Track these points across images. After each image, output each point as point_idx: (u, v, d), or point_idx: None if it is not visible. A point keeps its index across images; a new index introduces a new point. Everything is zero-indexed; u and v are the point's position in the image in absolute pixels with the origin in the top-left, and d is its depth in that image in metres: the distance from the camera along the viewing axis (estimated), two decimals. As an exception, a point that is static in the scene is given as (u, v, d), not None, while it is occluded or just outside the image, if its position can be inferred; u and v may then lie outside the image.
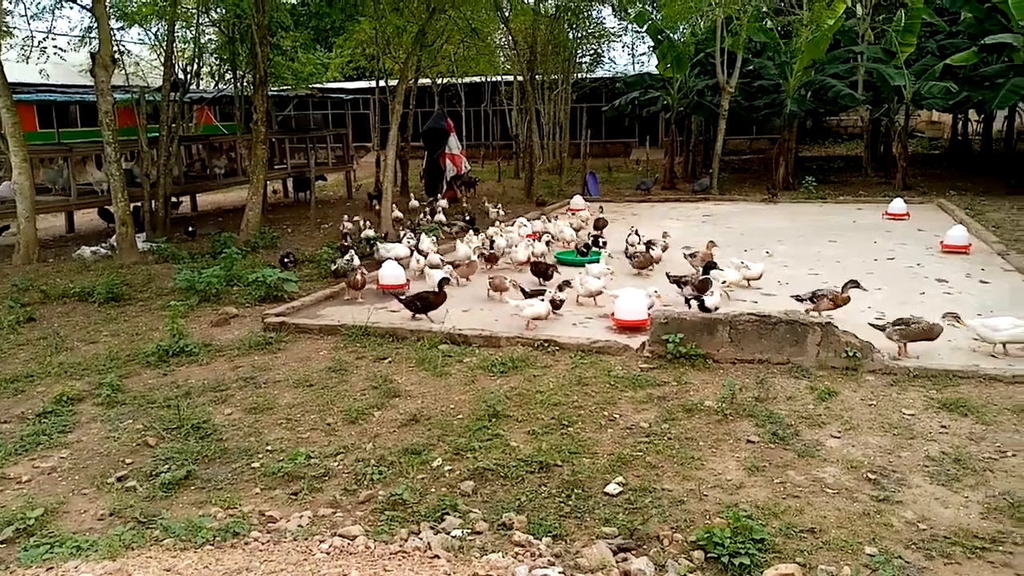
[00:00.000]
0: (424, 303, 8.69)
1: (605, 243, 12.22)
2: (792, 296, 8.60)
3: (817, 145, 33.64)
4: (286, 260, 11.44)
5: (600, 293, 9.17)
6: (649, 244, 11.40)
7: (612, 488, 5.01)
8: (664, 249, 11.56)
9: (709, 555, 4.26)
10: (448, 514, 4.74)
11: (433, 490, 5.09)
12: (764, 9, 21.21)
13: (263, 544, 4.18)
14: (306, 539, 4.32)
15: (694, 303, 8.38)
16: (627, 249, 11.58)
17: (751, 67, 21.98)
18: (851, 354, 6.91)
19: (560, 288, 8.85)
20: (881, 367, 6.84)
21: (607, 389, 6.64)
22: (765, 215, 16.66)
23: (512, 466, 5.30)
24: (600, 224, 13.86)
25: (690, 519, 4.64)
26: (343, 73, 31.73)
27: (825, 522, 4.55)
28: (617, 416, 6.11)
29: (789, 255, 11.84)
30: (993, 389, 6.37)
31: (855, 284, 8.30)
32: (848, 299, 8.24)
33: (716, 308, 8.09)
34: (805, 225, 15.08)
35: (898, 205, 15.47)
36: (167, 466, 5.41)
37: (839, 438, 5.63)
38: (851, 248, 12.49)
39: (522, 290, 9.30)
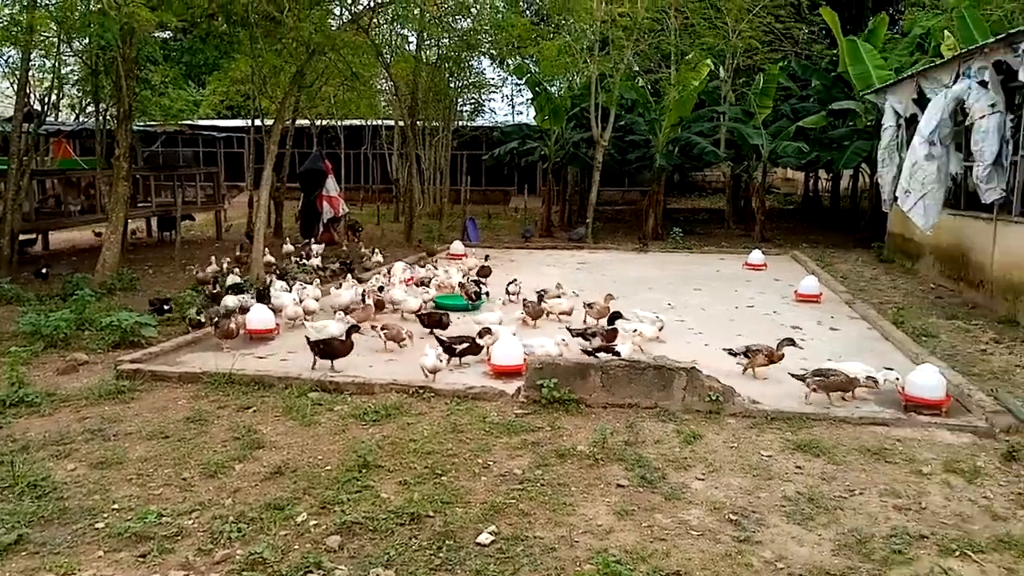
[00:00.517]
0: (329, 350, 8.38)
1: (487, 292, 12.25)
2: (724, 349, 8.65)
3: (684, 198, 35.48)
4: (163, 307, 10.62)
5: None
6: (542, 294, 11.35)
7: (484, 538, 4.93)
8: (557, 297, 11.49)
9: (579, 603, 4.25)
10: (311, 572, 4.51)
11: (297, 547, 4.83)
12: (635, 68, 22.30)
13: (102, 614, 3.81)
14: (152, 606, 3.98)
15: (604, 355, 8.05)
16: (510, 298, 11.69)
17: (623, 122, 23.00)
18: (714, 398, 7.18)
19: (480, 335, 8.76)
20: (741, 410, 7.14)
21: (482, 436, 6.59)
22: (636, 264, 17.29)
23: (382, 519, 5.13)
24: (484, 272, 13.86)
25: (561, 567, 4.62)
26: (216, 111, 30.82)
27: (690, 564, 4.65)
28: (491, 463, 6.06)
29: (659, 303, 12.29)
30: (842, 431, 6.78)
31: (790, 342, 8.53)
32: (782, 356, 8.29)
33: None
34: (673, 274, 15.74)
35: (756, 256, 16.45)
36: (-6, 530, 4.88)
37: (703, 480, 5.80)
38: (715, 296, 13.12)
39: (439, 340, 8.76)
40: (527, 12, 28.57)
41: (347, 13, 19.05)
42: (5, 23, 14.16)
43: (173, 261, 15.66)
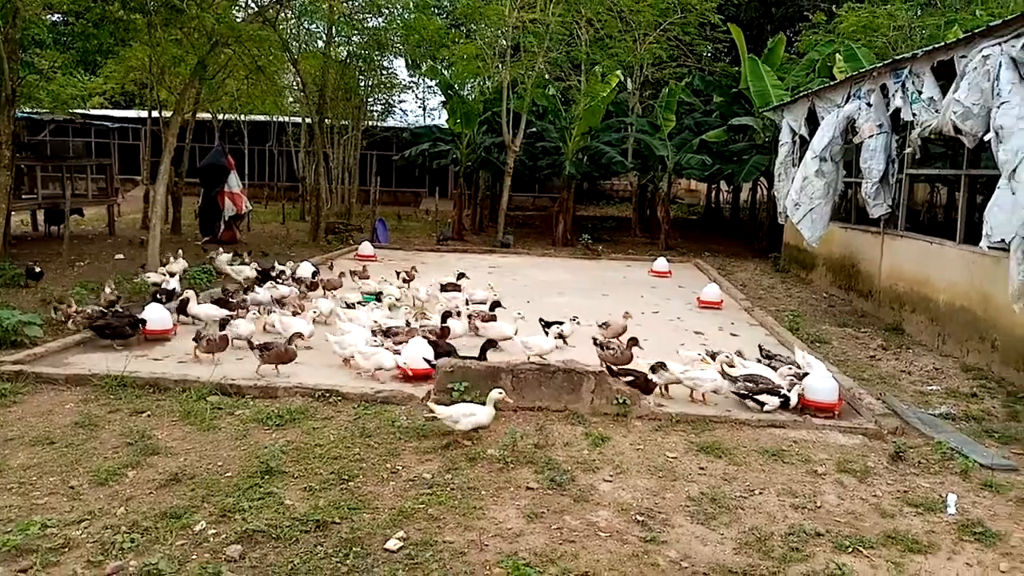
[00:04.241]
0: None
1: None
2: (592, 338, 8.96)
3: (593, 206, 36.17)
4: (34, 271, 9.92)
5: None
6: (495, 305, 10.73)
7: (392, 544, 4.84)
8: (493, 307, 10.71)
9: (489, 607, 4.22)
10: (210, 584, 4.31)
11: (195, 557, 4.61)
12: (547, 76, 22.58)
13: (-25, 635, 3.52)
14: (33, 625, 3.71)
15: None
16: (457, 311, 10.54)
17: (535, 129, 23.26)
18: (621, 401, 7.31)
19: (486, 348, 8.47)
20: (648, 413, 7.30)
21: (391, 440, 6.48)
22: (546, 268, 17.48)
23: (286, 526, 4.96)
24: (411, 276, 13.27)
25: (471, 571, 4.59)
26: (111, 99, 29.29)
27: (598, 565, 4.70)
28: (400, 468, 5.96)
29: (569, 306, 12.42)
30: (743, 432, 7.02)
31: (635, 343, 8.74)
32: (631, 357, 8.45)
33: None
34: (582, 279, 15.99)
35: (661, 264, 16.91)
36: None
37: (611, 482, 5.89)
38: (622, 301, 13.35)
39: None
40: (441, 15, 28.51)
41: (253, 5, 18.46)
42: None
43: (60, 256, 14.74)
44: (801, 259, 17.22)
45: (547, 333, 9.43)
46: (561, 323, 9.79)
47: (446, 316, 9.74)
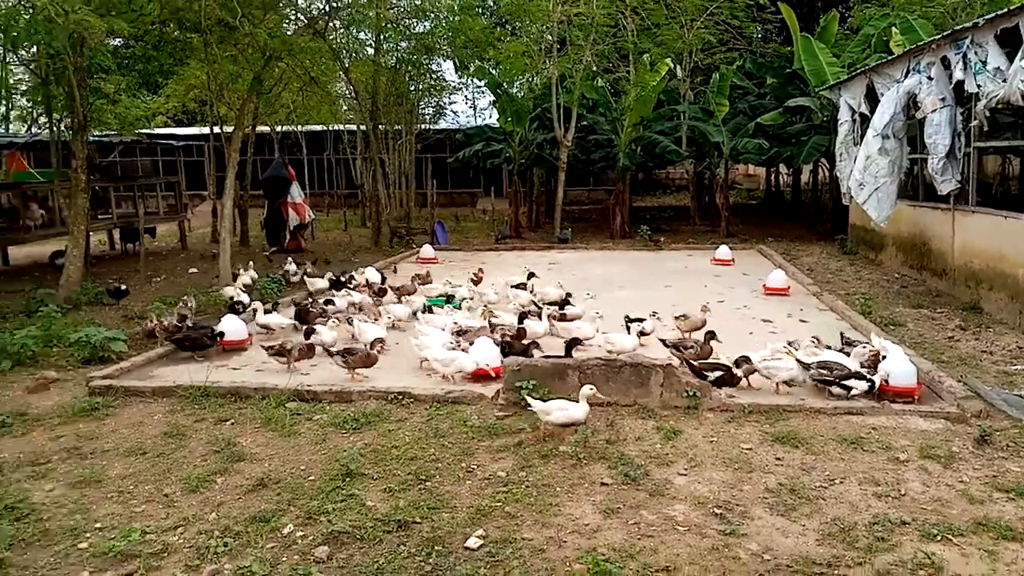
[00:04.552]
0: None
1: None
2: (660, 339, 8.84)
3: (649, 196, 35.80)
4: (120, 288, 10.67)
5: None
6: (565, 302, 10.75)
7: (472, 542, 4.93)
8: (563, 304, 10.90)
9: (572, 602, 4.27)
10: (302, 584, 4.48)
11: (285, 559, 4.79)
12: (595, 68, 22.47)
13: (91, 637, 3.75)
14: (142, 626, 3.92)
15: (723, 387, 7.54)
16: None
17: (586, 122, 23.16)
18: (691, 393, 7.27)
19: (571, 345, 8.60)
20: (719, 405, 7.24)
21: (464, 440, 6.59)
22: (605, 262, 17.41)
23: (369, 527, 5.11)
24: (479, 277, 13.33)
25: (551, 567, 4.65)
26: (173, 117, 30.30)
27: (678, 560, 4.70)
28: (475, 467, 6.07)
29: (631, 300, 12.38)
30: (819, 421, 6.91)
31: (712, 336, 8.65)
32: (711, 351, 8.38)
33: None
34: (642, 271, 15.89)
35: (724, 251, 16.66)
36: (-28, 556, 4.76)
37: (686, 475, 5.87)
38: (685, 292, 13.26)
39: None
40: (485, 15, 28.60)
41: (303, 18, 18.87)
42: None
43: (138, 273, 15.36)
44: (869, 240, 16.76)
45: (629, 330, 9.20)
46: (643, 320, 9.56)
47: (523, 317, 9.78)
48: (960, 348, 9.27)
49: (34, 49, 16.18)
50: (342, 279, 13.10)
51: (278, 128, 29.02)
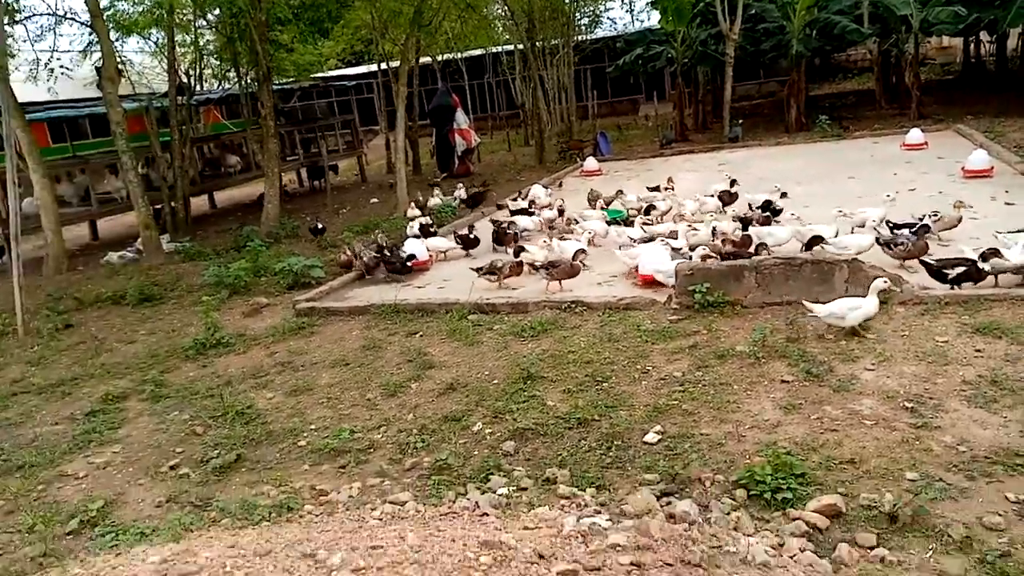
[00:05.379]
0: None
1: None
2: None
3: (827, 83, 33.04)
4: (318, 227, 11.84)
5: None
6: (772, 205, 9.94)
7: (651, 437, 5.09)
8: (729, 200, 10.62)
9: (751, 492, 4.34)
10: (493, 474, 4.86)
11: (476, 453, 5.20)
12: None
13: (317, 516, 4.33)
14: (358, 508, 4.46)
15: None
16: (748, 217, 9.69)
17: (753, 11, 21.61)
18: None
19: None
20: (911, 298, 6.81)
21: (638, 343, 6.70)
22: (782, 158, 16.49)
23: (551, 424, 5.40)
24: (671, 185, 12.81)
25: (730, 460, 4.71)
26: (343, 60, 31.70)
27: (864, 452, 4.60)
28: (650, 368, 6.18)
29: (809, 195, 11.73)
30: (1024, 309, 6.34)
31: (927, 229, 8.05)
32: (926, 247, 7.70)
33: None
34: (823, 164, 14.90)
35: (915, 135, 15.22)
36: (216, 452, 5.58)
37: (873, 370, 5.65)
38: (871, 183, 12.34)
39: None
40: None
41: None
42: (149, 6, 15.19)
43: (326, 207, 16.60)
44: (1094, 108, 14.62)
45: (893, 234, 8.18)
46: (914, 225, 8.28)
47: (746, 223, 9.26)
48: None
49: (218, 11, 17.49)
50: (525, 207, 12.90)
51: (439, 57, 29.60)
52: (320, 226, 12.92)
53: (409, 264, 9.81)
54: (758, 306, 7.15)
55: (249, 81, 20.30)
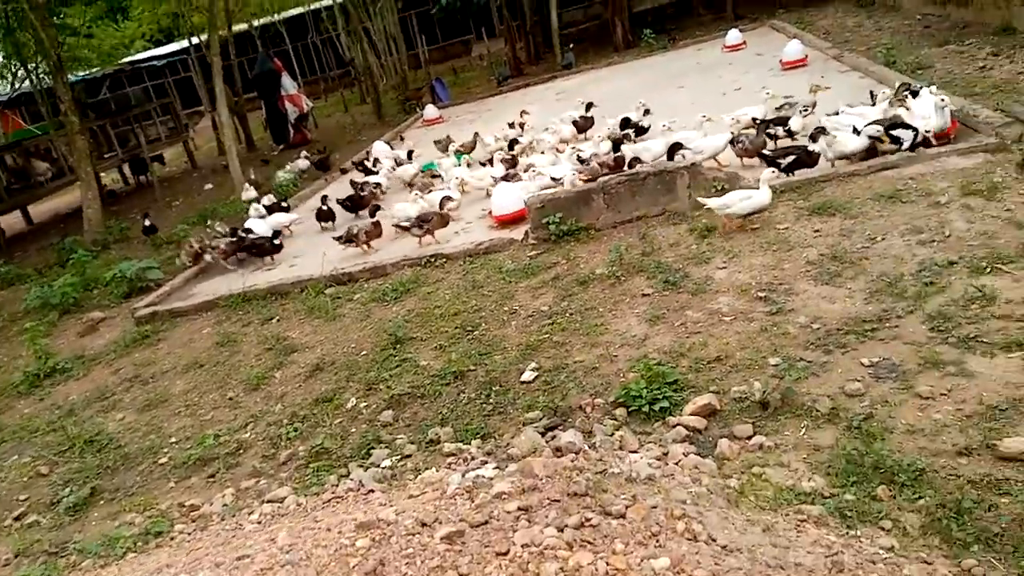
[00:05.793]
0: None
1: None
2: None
3: (648, -1, 33.69)
4: (147, 225, 11.14)
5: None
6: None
7: (527, 375, 5.04)
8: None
9: (631, 409, 4.37)
10: (374, 448, 4.67)
11: (354, 430, 4.98)
12: None
13: (190, 534, 4.00)
14: (234, 515, 4.16)
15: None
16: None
17: (566, -68, 21.53)
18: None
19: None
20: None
21: (502, 286, 6.60)
22: (614, 78, 16.68)
23: (426, 384, 5.24)
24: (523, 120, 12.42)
25: (606, 382, 4.73)
26: (151, 40, 29.34)
27: (729, 348, 4.72)
28: (517, 308, 6.10)
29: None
30: (854, 184, 6.68)
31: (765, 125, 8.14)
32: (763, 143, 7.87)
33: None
34: (652, 78, 15.19)
35: (734, 36, 15.74)
36: (67, 489, 5.08)
37: (725, 268, 5.80)
38: (699, 89, 12.69)
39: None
40: None
41: None
42: None
43: (157, 202, 15.42)
44: (886, -14, 15.57)
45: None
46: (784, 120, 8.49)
47: (617, 144, 9.10)
48: (994, 76, 8.72)
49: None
50: (367, 165, 12.46)
51: (256, 23, 27.90)
52: (151, 223, 11.99)
53: (277, 242, 9.20)
54: (610, 226, 7.19)
55: (41, 75, 18.37)
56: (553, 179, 8.44)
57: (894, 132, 6.92)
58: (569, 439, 4.13)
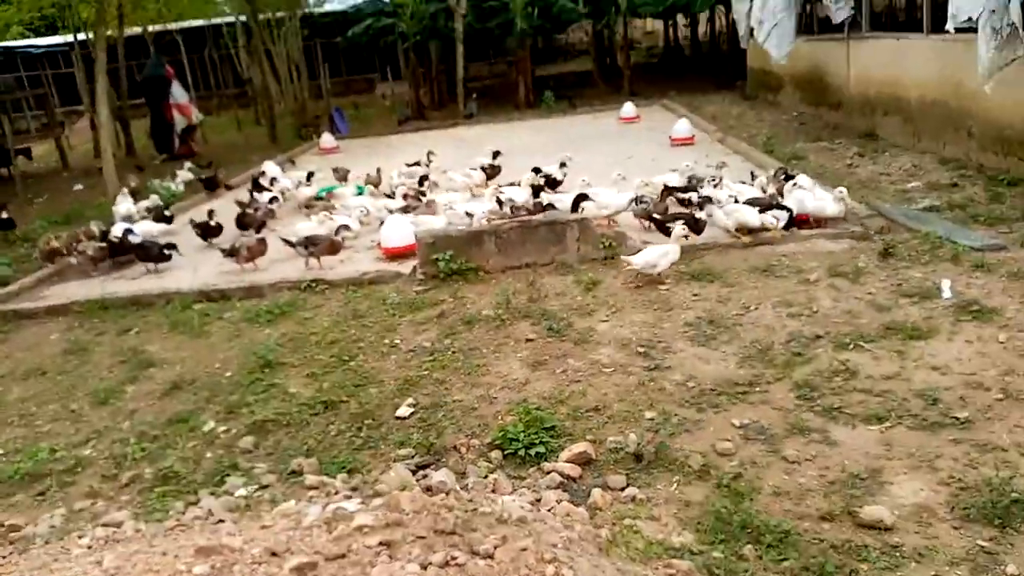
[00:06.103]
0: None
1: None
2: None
3: (551, 64, 34.89)
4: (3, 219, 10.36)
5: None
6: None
7: (403, 411, 4.88)
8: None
9: (507, 452, 4.30)
10: (229, 475, 4.35)
11: (209, 455, 4.64)
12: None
13: (4, 557, 3.54)
14: (61, 539, 3.73)
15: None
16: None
17: (480, -13, 22.04)
18: (607, 244, 7.24)
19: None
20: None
21: (385, 317, 6.44)
22: (514, 134, 16.99)
23: (294, 412, 4.98)
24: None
25: (484, 423, 4.64)
26: (30, 27, 27.52)
27: (607, 399, 4.76)
28: (398, 341, 5.95)
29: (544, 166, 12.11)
30: (731, 255, 7.02)
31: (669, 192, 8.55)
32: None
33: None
34: (552, 138, 15.57)
35: (628, 109, 16.47)
36: None
37: (608, 321, 5.90)
38: (596, 154, 13.09)
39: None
40: None
41: None
42: None
43: (18, 197, 14.24)
44: (767, 82, 16.81)
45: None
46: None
47: (538, 190, 9.18)
48: (859, 173, 9.51)
49: None
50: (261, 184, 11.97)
51: (151, 28, 26.76)
52: (8, 217, 11.01)
53: (167, 252, 8.58)
54: (500, 270, 7.20)
55: None
56: (468, 214, 8.42)
57: (771, 213, 7.34)
58: (441, 478, 3.99)
